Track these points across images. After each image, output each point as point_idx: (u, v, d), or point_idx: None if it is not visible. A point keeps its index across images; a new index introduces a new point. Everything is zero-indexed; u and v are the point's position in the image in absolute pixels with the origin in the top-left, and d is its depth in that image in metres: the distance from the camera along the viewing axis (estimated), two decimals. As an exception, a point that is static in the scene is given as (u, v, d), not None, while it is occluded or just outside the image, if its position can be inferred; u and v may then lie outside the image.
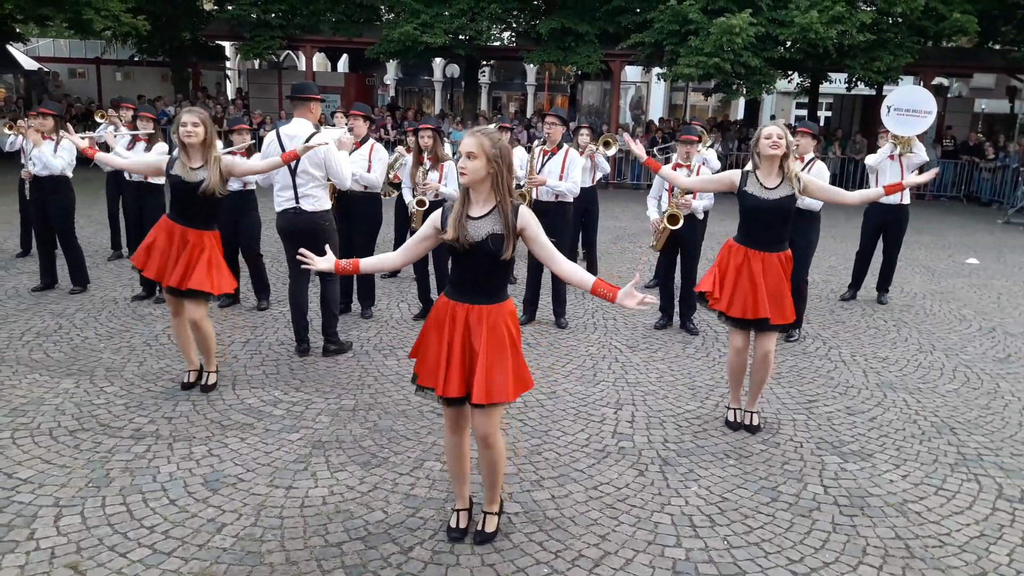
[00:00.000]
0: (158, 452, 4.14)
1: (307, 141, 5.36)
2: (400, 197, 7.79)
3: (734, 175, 4.61)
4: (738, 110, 28.08)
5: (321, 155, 5.44)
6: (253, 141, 7.04)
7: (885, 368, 6.04)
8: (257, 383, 5.20)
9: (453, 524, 3.47)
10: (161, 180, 6.60)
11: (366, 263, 3.44)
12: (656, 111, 29.82)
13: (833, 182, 17.94)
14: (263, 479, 3.90)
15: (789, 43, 17.04)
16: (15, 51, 23.06)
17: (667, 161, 7.27)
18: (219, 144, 4.99)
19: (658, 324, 6.92)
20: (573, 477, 4.04)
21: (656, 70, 20.61)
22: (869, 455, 4.47)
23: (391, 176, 7.51)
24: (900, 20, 17.07)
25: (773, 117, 27.36)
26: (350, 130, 6.59)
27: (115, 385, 5.03)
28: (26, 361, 5.41)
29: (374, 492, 3.81)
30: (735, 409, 4.84)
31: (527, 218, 3.16)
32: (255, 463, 4.06)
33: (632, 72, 27.63)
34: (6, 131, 7.92)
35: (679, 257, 6.86)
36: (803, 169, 6.69)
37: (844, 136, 20.18)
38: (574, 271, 3.22)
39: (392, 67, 30.74)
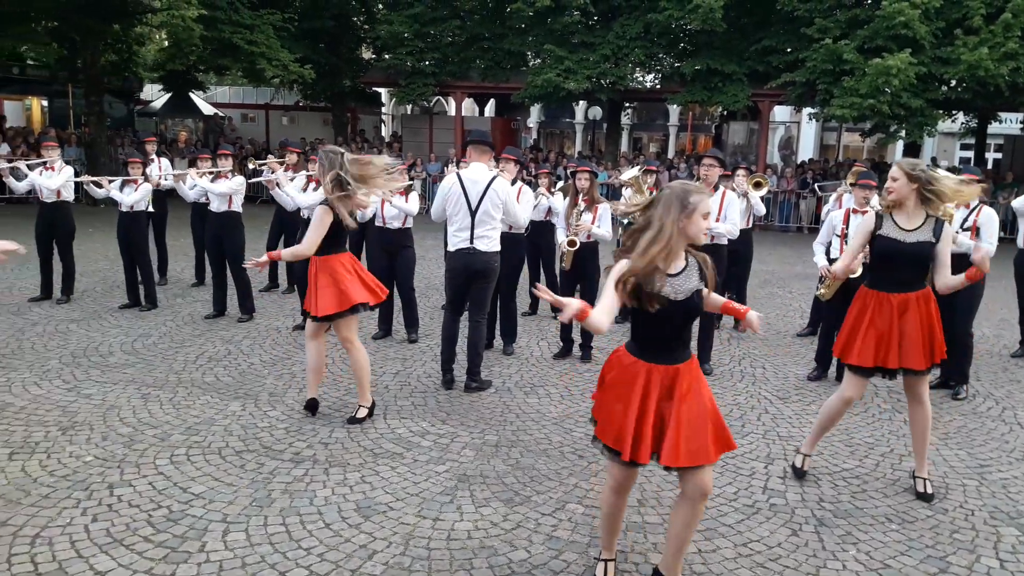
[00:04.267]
0: (315, 476, 4.35)
1: (488, 185, 5.63)
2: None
3: (869, 223, 4.33)
4: (896, 151, 26.68)
5: (502, 197, 5.67)
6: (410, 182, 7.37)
7: (1071, 434, 5.48)
8: (406, 414, 5.39)
9: (600, 575, 3.42)
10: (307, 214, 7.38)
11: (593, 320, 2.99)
12: (806, 151, 28.82)
13: (1004, 229, 16.70)
14: (412, 509, 4.01)
15: (955, 82, 16.09)
16: (196, 98, 25.40)
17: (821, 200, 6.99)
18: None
19: (811, 375, 6.60)
20: (721, 532, 3.91)
21: (807, 110, 20.02)
22: (1054, 530, 4.05)
23: None
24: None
25: (934, 159, 25.80)
26: (502, 171, 6.81)
27: (277, 410, 5.36)
28: (199, 383, 5.86)
29: (517, 530, 3.84)
30: (806, 456, 4.65)
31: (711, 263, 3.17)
32: (404, 492, 4.19)
33: (781, 112, 26.92)
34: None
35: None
36: (970, 215, 6.27)
37: (1017, 179, 18.69)
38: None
39: (535, 110, 31.43)
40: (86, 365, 6.16)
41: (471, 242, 5.70)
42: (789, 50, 18.12)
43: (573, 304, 2.86)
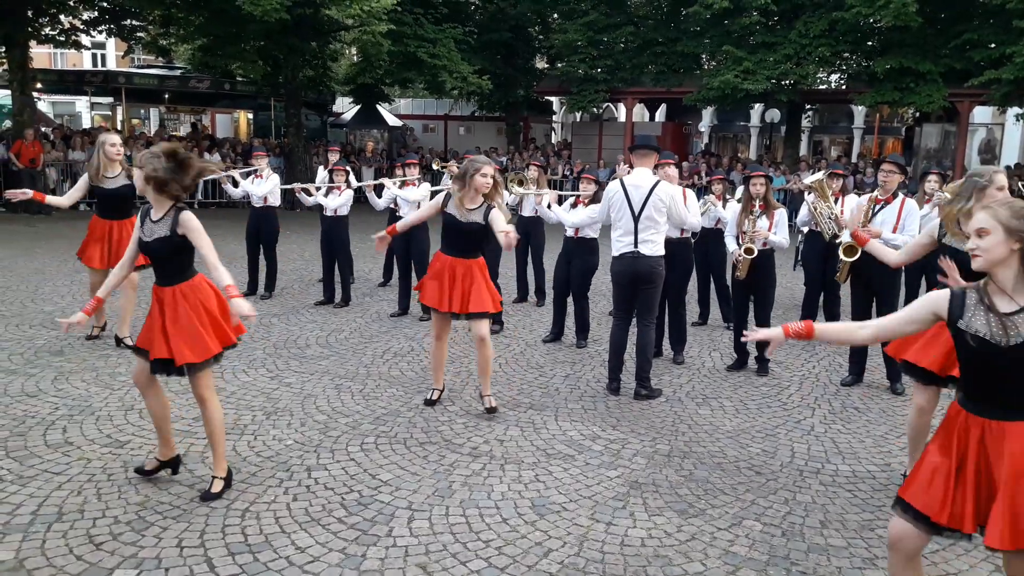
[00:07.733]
0: (492, 471, 4.52)
1: (651, 190, 5.65)
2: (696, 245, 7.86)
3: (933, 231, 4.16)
4: (1123, 154, 23.72)
5: (666, 201, 5.67)
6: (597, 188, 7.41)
7: None
8: (577, 417, 5.47)
9: None
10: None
11: (820, 330, 2.93)
12: (1011, 156, 26.23)
13: None
14: (585, 511, 4.07)
15: None
16: (382, 110, 26.95)
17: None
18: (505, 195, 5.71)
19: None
20: (913, 560, 3.67)
21: (1014, 110, 18.29)
22: None
23: None
24: None
25: None
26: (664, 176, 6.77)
27: (456, 405, 5.61)
28: (386, 377, 6.24)
29: (692, 542, 3.80)
30: None
31: None
32: (577, 494, 4.27)
33: (981, 112, 24.68)
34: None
35: None
36: None
37: None
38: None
39: (707, 114, 30.71)
40: (286, 356, 6.72)
41: (635, 246, 5.72)
42: (993, 45, 16.60)
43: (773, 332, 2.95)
